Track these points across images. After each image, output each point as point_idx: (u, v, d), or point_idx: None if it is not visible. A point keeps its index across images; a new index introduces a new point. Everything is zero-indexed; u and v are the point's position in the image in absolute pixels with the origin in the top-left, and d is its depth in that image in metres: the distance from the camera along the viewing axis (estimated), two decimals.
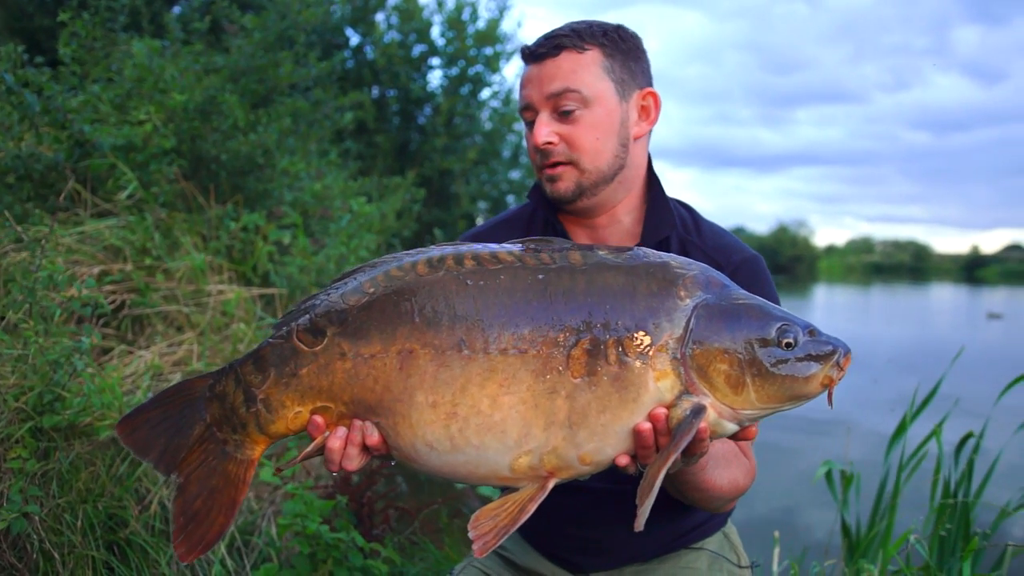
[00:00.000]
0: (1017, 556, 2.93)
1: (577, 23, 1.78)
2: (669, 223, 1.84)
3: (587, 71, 1.73)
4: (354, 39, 12.82)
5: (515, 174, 14.13)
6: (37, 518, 2.28)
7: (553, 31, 1.76)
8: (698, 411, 1.30)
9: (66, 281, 2.67)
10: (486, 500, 3.96)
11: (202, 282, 3.66)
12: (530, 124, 1.79)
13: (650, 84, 1.84)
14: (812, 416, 8.32)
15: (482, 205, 13.58)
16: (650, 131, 1.86)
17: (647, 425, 1.29)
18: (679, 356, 1.31)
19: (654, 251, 1.43)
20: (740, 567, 2.00)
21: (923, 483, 3.25)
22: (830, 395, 1.36)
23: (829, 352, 1.34)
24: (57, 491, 2.38)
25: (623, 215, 1.88)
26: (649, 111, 1.84)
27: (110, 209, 3.72)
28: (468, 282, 1.35)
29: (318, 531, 2.38)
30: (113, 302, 3.31)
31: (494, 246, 1.42)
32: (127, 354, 3.22)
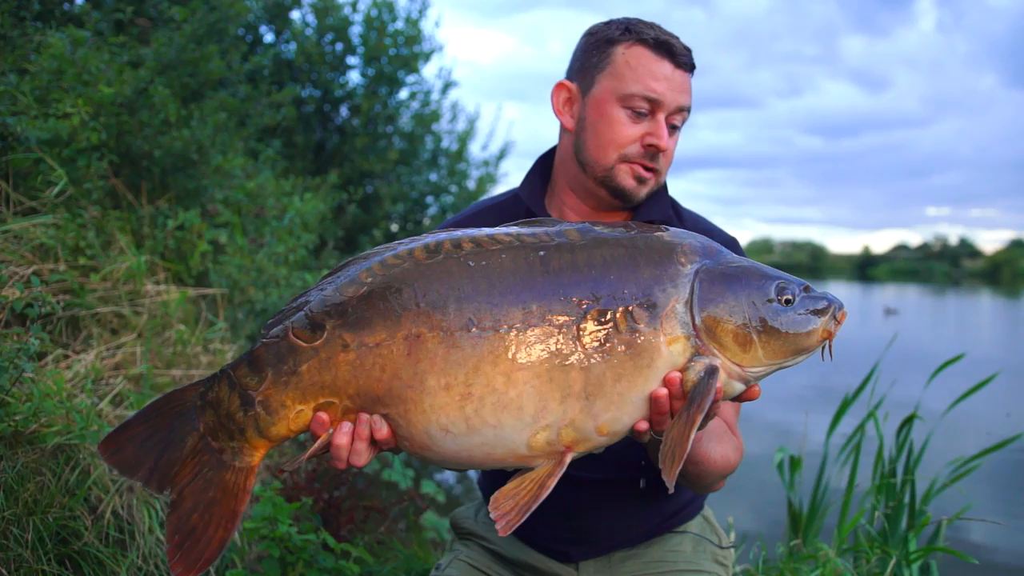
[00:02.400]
0: (950, 525, 3.11)
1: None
2: (659, 210, 1.89)
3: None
4: (268, 36, 12.49)
5: (433, 176, 14.04)
6: None
7: (677, 40, 1.79)
8: (712, 371, 1.34)
9: (1, 281, 2.52)
10: (431, 501, 3.93)
11: (139, 283, 3.50)
12: (636, 113, 1.77)
13: None
14: (745, 414, 8.61)
15: (401, 207, 13.42)
16: None
17: (663, 391, 1.32)
18: (688, 320, 1.34)
19: (646, 224, 1.47)
20: (722, 548, 2.06)
21: (859, 469, 3.40)
22: (830, 349, 1.42)
23: (825, 306, 1.40)
24: (3, 503, 2.23)
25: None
26: None
27: (35, 207, 3.51)
28: (470, 263, 1.35)
29: (287, 533, 2.32)
30: (49, 303, 3.12)
31: (489, 229, 1.43)
32: (64, 358, 3.04)
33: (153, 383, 3.19)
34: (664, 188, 1.92)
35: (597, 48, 1.81)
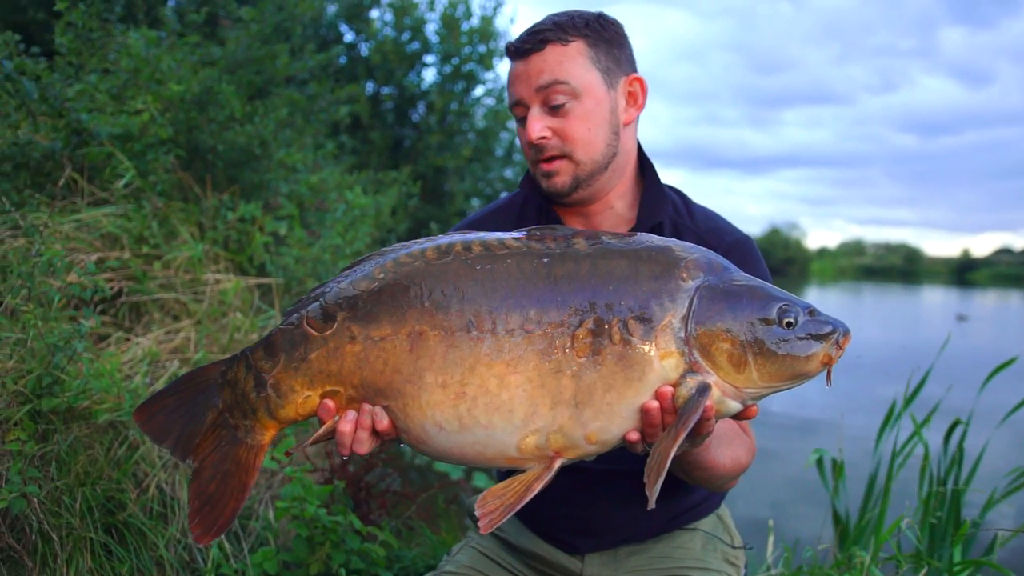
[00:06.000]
0: (1005, 544, 2.97)
1: (558, 15, 1.80)
2: (663, 208, 1.87)
3: (573, 63, 1.75)
4: (348, 36, 12.83)
5: (509, 172, 14.15)
6: (36, 500, 2.29)
7: (535, 26, 1.78)
8: (703, 389, 1.32)
9: (64, 267, 2.68)
10: (480, 490, 3.99)
11: (199, 271, 3.67)
12: (522, 120, 1.80)
13: (635, 70, 1.86)
14: (801, 417, 8.38)
15: (475, 203, 13.59)
16: (638, 116, 1.89)
17: (654, 403, 1.32)
18: (683, 336, 1.33)
19: (657, 236, 1.46)
20: (733, 547, 2.03)
21: (913, 476, 3.29)
22: (829, 373, 1.39)
23: (829, 331, 1.36)
24: (56, 473, 2.38)
25: (615, 201, 1.90)
26: (636, 97, 1.86)
27: (106, 198, 3.72)
28: (476, 267, 1.38)
29: (316, 514, 2.40)
30: (111, 289, 3.32)
31: (501, 234, 1.46)
32: (124, 341, 3.23)
33: None
34: (656, 185, 1.89)
35: None
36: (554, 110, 1.75)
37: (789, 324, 1.36)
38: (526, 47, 1.75)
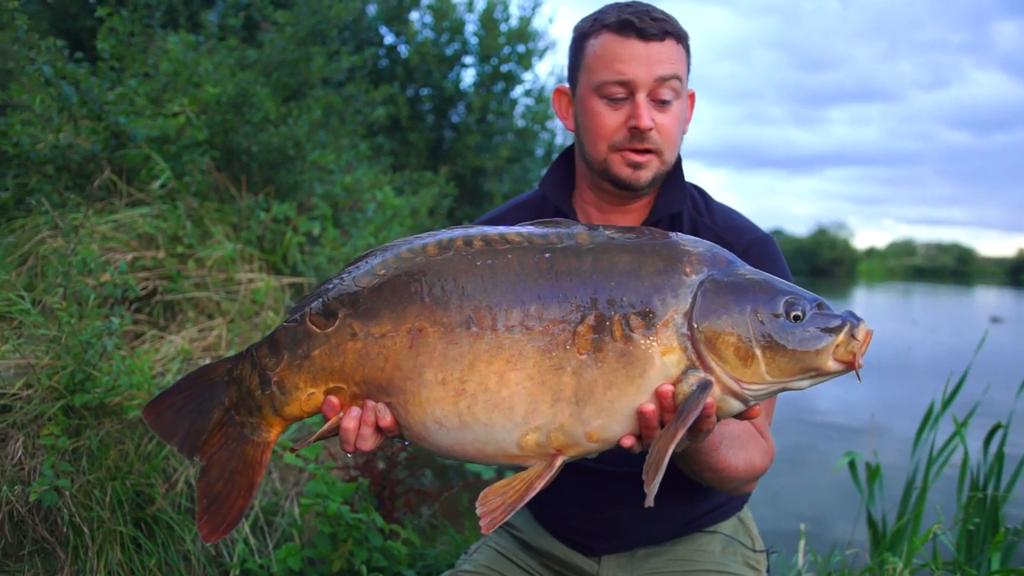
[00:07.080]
0: None
1: (661, 11, 1.77)
2: (679, 200, 1.85)
3: (683, 62, 1.76)
4: (388, 38, 12.95)
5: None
6: (68, 493, 2.35)
7: (649, 11, 1.74)
8: (705, 386, 1.29)
9: (99, 266, 2.75)
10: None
11: (232, 271, 3.73)
12: (614, 100, 1.74)
13: None
14: (843, 419, 8.22)
15: None
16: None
17: (651, 406, 1.29)
18: (686, 331, 1.30)
19: (660, 230, 1.43)
20: (755, 551, 1.99)
21: (952, 482, 3.20)
22: (856, 370, 1.33)
23: (838, 324, 1.32)
24: (87, 467, 2.44)
25: (644, 205, 1.89)
26: (687, 109, 1.88)
27: (143, 199, 3.80)
28: (477, 262, 1.36)
29: (339, 511, 2.42)
30: (145, 288, 3.39)
31: (503, 228, 1.43)
32: (158, 339, 3.29)
33: None
34: (680, 177, 1.87)
35: (574, 46, 1.81)
36: (661, 104, 1.73)
37: (797, 317, 1.32)
38: (651, 32, 1.71)
